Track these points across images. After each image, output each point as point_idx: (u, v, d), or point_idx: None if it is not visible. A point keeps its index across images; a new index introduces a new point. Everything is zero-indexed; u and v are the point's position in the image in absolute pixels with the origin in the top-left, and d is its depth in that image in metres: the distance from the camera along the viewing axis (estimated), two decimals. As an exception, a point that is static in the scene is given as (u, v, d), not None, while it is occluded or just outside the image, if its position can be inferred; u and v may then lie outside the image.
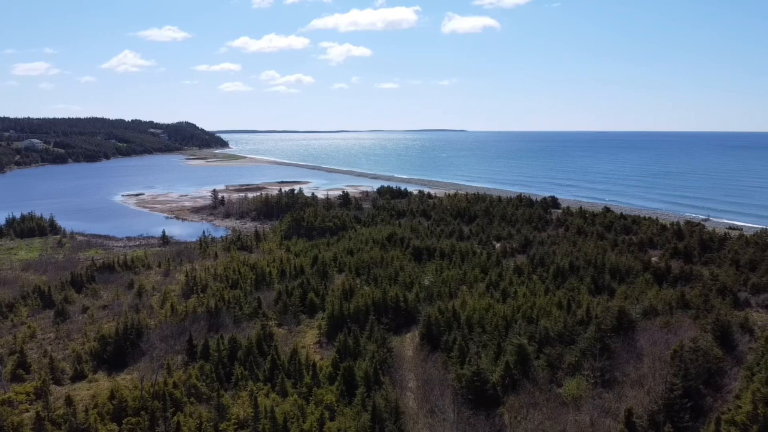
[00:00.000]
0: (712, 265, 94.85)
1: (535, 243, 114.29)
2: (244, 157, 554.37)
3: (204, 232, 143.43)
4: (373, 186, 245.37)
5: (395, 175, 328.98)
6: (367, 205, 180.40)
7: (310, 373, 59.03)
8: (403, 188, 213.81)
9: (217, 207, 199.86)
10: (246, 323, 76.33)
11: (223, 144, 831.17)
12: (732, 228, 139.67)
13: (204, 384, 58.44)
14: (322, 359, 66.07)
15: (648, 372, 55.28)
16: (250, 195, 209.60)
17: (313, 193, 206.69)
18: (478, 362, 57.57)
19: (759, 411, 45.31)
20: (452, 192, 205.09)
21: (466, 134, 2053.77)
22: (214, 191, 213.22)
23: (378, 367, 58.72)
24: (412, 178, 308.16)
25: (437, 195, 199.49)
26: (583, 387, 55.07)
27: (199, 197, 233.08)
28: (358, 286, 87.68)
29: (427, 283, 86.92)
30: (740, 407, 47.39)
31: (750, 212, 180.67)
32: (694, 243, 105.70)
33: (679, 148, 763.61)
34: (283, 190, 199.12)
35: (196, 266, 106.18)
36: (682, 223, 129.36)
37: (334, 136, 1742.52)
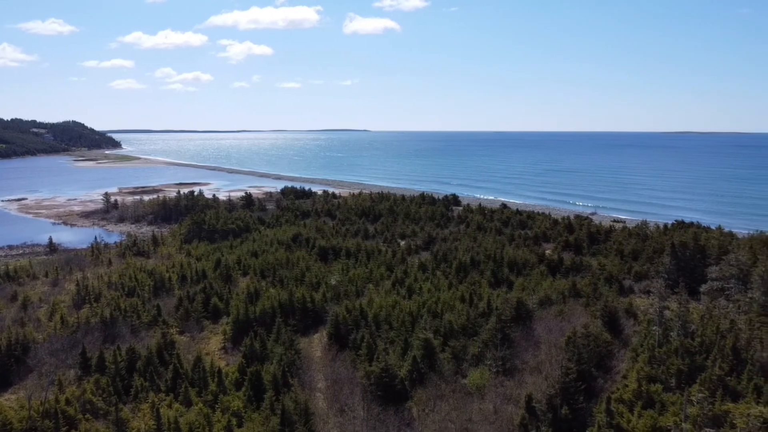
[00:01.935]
0: (600, 255, 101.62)
1: (438, 240, 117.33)
2: (139, 158, 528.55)
3: (96, 238, 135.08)
4: (276, 186, 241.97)
5: (299, 175, 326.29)
6: (271, 206, 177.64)
7: (216, 380, 57.39)
8: (307, 188, 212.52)
9: (109, 211, 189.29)
10: (145, 332, 72.95)
11: (116, 144, 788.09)
12: (616, 221, 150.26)
13: (100, 399, 55.22)
14: (227, 365, 64.41)
15: (545, 358, 58.33)
16: (146, 198, 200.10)
17: (214, 195, 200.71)
18: (386, 358, 58.39)
19: (643, 388, 49.18)
20: (357, 191, 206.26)
21: (369, 134, 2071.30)
22: (106, 194, 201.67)
23: (286, 369, 58.11)
24: (316, 178, 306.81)
25: (342, 195, 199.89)
26: (486, 376, 57.28)
27: (90, 201, 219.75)
28: (264, 288, 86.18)
29: (333, 282, 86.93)
30: (627, 386, 51.22)
31: (631, 206, 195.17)
32: (583, 236, 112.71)
33: (570, 147, 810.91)
34: (182, 192, 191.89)
35: (88, 274, 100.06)
36: (572, 217, 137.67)
37: (235, 136, 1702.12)
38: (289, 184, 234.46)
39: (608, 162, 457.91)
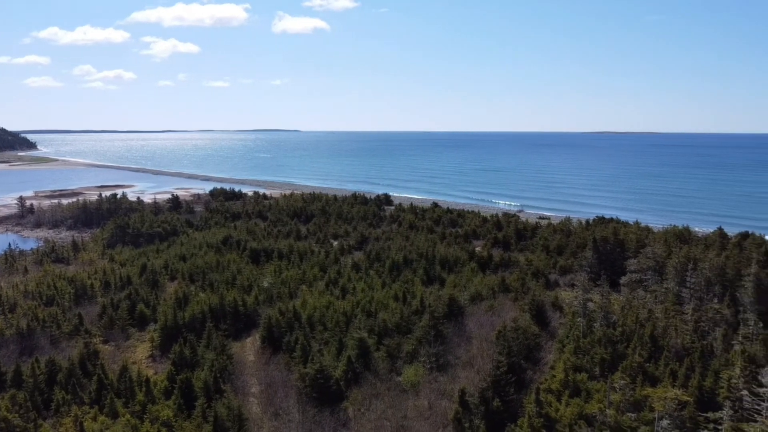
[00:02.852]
0: (527, 251, 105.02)
1: (371, 239, 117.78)
2: (56, 160, 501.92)
3: (10, 245, 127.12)
4: (205, 188, 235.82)
5: (229, 176, 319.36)
6: (199, 209, 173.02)
7: (144, 389, 55.31)
8: (237, 189, 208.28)
9: (24, 216, 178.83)
10: (66, 343, 69.39)
11: (31, 145, 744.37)
12: (542, 218, 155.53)
13: (17, 415, 51.97)
14: (156, 374, 62.24)
15: (477, 353, 59.82)
16: (65, 201, 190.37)
17: (138, 198, 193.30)
18: (321, 360, 58.10)
19: (569, 378, 51.21)
20: (288, 192, 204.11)
21: (300, 134, 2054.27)
22: (21, 198, 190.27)
23: (218, 375, 56.75)
24: (246, 179, 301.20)
25: (273, 195, 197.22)
26: (420, 373, 58.01)
27: (2, 206, 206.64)
28: (193, 293, 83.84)
29: (266, 284, 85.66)
30: (554, 376, 53.19)
31: (556, 204, 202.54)
32: (511, 233, 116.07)
33: (497, 147, 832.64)
34: (104, 195, 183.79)
35: (2, 283, 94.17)
36: (500, 215, 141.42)
37: (161, 137, 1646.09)
38: (218, 186, 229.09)
39: (533, 161, 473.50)
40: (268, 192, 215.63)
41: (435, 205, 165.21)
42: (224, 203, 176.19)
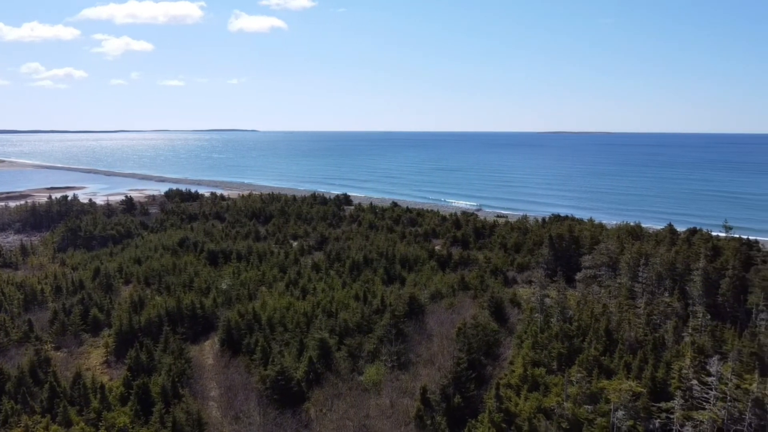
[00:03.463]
0: (486, 249, 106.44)
1: (331, 239, 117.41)
2: (2, 161, 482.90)
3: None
4: (160, 189, 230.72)
5: (185, 177, 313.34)
6: (154, 210, 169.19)
7: (98, 396, 53.75)
8: (194, 190, 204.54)
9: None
10: (15, 350, 66.81)
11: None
12: (500, 216, 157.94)
13: (-37, 426, 49.99)
14: (111, 380, 60.61)
15: (438, 350, 60.33)
16: (12, 204, 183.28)
17: (90, 199, 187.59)
18: (282, 361, 57.60)
19: (528, 372, 52.13)
20: (246, 193, 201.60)
21: (257, 134, 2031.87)
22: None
23: (176, 380, 55.66)
24: (203, 180, 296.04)
25: (231, 196, 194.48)
26: (382, 372, 58.14)
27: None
28: (149, 296, 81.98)
29: (224, 286, 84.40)
30: (514, 371, 54.08)
31: (513, 203, 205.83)
32: (469, 231, 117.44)
33: (454, 146, 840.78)
34: (53, 197, 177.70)
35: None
36: (459, 214, 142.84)
37: (114, 137, 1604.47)
38: (174, 187, 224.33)
39: (490, 161, 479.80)
40: (225, 193, 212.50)
41: (394, 204, 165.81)
42: (180, 204, 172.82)
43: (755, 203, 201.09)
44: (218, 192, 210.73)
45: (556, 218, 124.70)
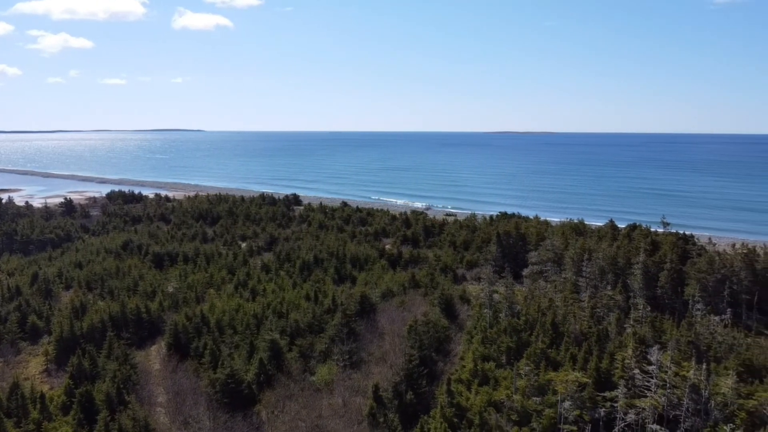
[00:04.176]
0: (435, 247, 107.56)
1: (281, 240, 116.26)
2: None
3: None
4: (101, 191, 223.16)
5: (127, 178, 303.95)
6: (96, 212, 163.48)
7: (38, 406, 51.60)
8: (137, 192, 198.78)
9: None
10: (-55, 361, 63.47)
11: None
12: (449, 215, 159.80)
13: None
14: (52, 389, 58.28)
15: (389, 348, 60.59)
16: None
17: (27, 202, 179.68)
18: (232, 364, 56.70)
19: (478, 367, 53.00)
20: (192, 194, 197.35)
21: (203, 134, 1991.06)
22: None
23: (121, 386, 54.00)
24: (147, 181, 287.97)
25: (176, 197, 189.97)
26: (334, 371, 58.00)
27: None
28: (91, 301, 79.24)
29: (171, 290, 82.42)
30: (464, 366, 54.87)
31: (461, 201, 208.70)
32: (419, 230, 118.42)
33: (403, 146, 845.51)
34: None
35: None
36: (408, 213, 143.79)
37: (51, 137, 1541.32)
38: (116, 188, 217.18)
39: (438, 160, 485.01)
40: (170, 194, 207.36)
41: (344, 204, 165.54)
42: (123, 206, 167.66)
43: (690, 200, 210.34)
44: (163, 193, 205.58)
45: (504, 216, 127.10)
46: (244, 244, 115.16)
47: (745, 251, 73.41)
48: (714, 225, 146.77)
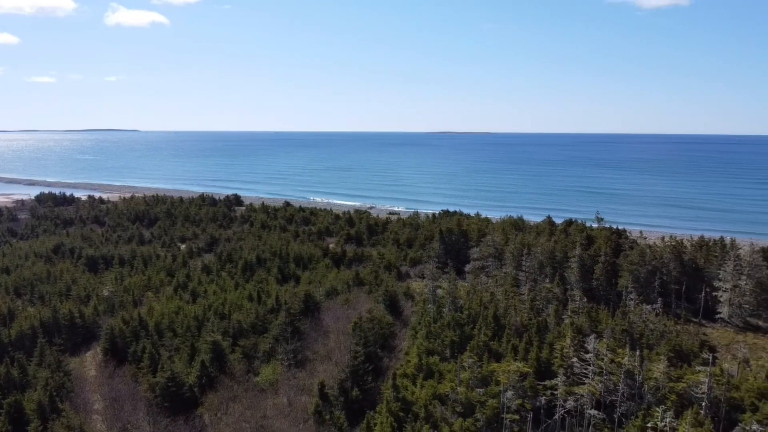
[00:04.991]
0: (379, 245, 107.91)
1: (222, 240, 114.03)
2: None
3: None
4: (30, 193, 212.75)
5: (58, 180, 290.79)
6: (24, 216, 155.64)
7: (-38, 418, 48.77)
8: (69, 194, 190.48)
9: None
10: None
11: None
12: (392, 213, 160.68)
13: None
14: (-23, 400, 55.14)
15: (334, 346, 60.43)
16: None
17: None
18: (172, 367, 55.23)
19: (423, 361, 53.55)
20: (128, 195, 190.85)
21: (139, 134, 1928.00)
22: None
23: (54, 394, 51.66)
24: (79, 183, 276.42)
25: (111, 199, 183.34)
26: (278, 371, 57.34)
27: None
28: (20, 307, 75.50)
29: (106, 293, 79.53)
30: (409, 361, 55.32)
31: (404, 200, 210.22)
32: (363, 228, 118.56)
33: (345, 146, 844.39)
34: None
35: None
36: (352, 212, 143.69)
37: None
38: (46, 190, 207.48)
39: (380, 160, 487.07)
40: (104, 196, 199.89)
41: (287, 204, 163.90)
42: (54, 209, 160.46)
43: (622, 197, 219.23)
44: (97, 195, 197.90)
45: (446, 214, 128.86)
46: (183, 246, 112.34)
47: (673, 244, 77.06)
48: (644, 220, 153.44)
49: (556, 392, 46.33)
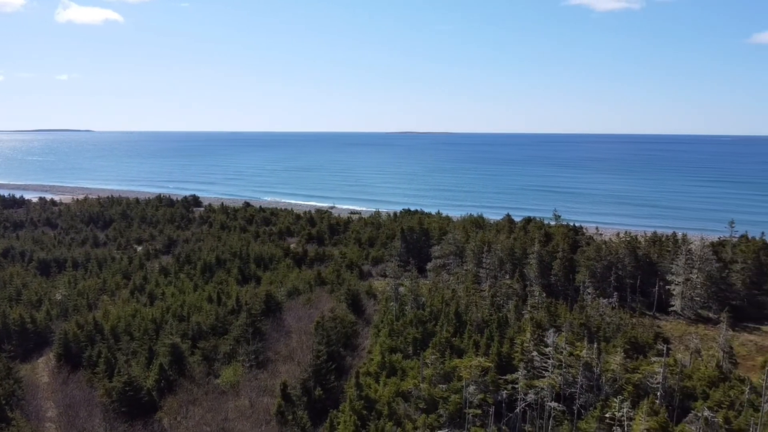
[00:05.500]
0: (341, 245, 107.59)
1: (180, 242, 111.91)
2: None
3: None
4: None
5: (7, 182, 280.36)
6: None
7: None
8: (18, 196, 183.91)
9: None
10: None
11: None
12: (353, 212, 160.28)
13: None
14: None
15: (297, 346, 59.98)
16: None
17: None
18: (129, 371, 53.92)
19: (386, 359, 53.59)
20: (81, 196, 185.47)
21: (93, 134, 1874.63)
22: None
23: (4, 403, 49.77)
24: (29, 184, 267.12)
25: (63, 201, 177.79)
26: (239, 373, 56.55)
27: None
28: (-33, 313, 72.46)
29: (59, 297, 77.10)
30: (372, 359, 55.29)
31: (365, 200, 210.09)
32: (324, 228, 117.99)
33: (304, 146, 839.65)
34: None
35: None
36: (313, 212, 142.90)
37: None
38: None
39: (341, 160, 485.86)
40: (56, 197, 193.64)
41: (247, 204, 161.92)
42: (2, 211, 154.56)
43: (578, 195, 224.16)
44: (48, 197, 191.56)
45: (407, 212, 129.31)
46: (140, 248, 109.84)
47: (628, 239, 79.12)
48: (600, 217, 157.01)
49: (517, 386, 46.97)
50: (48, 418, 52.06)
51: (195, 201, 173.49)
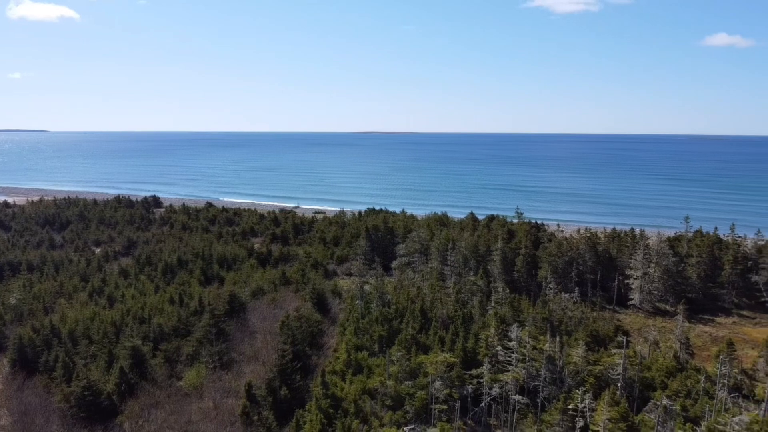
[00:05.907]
0: (306, 244, 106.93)
1: (140, 243, 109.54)
2: None
3: None
4: None
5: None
6: None
7: None
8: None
9: None
10: None
11: None
12: (318, 212, 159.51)
13: None
14: None
15: (261, 346, 59.33)
16: None
17: None
18: (88, 375, 52.46)
19: (352, 357, 53.49)
20: (36, 198, 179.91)
21: (48, 134, 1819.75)
22: None
23: (-45, 410, 47.93)
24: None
25: (17, 203, 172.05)
26: (203, 374, 55.63)
27: None
28: None
29: (13, 301, 74.52)
30: (338, 358, 55.12)
31: (329, 200, 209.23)
32: (288, 228, 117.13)
33: (268, 146, 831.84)
34: None
35: None
36: (277, 211, 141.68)
37: None
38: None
39: (304, 160, 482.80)
40: (9, 199, 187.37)
41: (209, 204, 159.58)
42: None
43: (540, 192, 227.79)
44: (1, 198, 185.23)
45: (372, 211, 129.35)
46: (98, 250, 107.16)
47: (588, 236, 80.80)
48: (561, 215, 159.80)
49: (482, 380, 47.44)
50: (1, 426, 50.27)
51: (155, 202, 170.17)
